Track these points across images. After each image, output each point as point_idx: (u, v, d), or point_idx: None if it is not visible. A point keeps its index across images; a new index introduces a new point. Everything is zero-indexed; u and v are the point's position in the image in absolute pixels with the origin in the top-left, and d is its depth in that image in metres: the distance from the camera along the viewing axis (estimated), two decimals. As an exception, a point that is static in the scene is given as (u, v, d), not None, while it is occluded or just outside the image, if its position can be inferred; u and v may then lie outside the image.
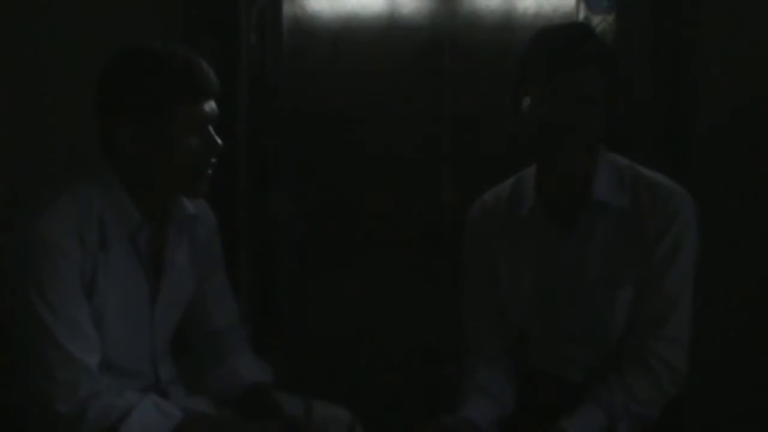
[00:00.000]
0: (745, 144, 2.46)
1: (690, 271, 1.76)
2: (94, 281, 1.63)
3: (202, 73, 1.66)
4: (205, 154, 1.67)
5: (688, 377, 1.76)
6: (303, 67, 2.76)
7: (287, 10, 2.73)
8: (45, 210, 1.61)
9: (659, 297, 1.74)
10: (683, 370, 1.75)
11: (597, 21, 2.53)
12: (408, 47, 2.73)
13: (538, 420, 1.75)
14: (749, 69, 2.44)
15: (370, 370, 2.73)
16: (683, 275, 1.75)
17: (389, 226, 2.77)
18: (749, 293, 2.46)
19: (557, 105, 1.68)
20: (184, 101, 1.63)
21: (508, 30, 2.66)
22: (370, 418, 1.90)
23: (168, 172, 1.66)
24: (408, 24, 2.72)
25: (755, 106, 2.45)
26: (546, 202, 1.81)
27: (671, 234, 1.74)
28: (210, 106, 1.68)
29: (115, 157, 1.67)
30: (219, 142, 1.69)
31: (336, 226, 2.80)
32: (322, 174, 2.79)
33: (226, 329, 1.92)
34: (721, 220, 2.31)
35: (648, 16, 2.47)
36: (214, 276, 1.90)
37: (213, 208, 1.90)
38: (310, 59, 2.76)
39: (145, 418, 1.58)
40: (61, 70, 2.58)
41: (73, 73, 2.31)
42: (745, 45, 2.43)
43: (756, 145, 2.46)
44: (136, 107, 1.62)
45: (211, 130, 1.68)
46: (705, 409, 2.17)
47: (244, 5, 2.63)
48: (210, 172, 1.69)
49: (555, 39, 1.73)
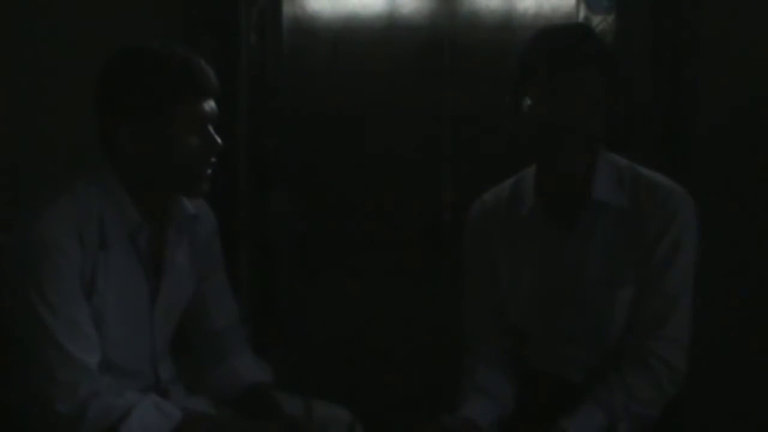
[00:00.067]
0: (745, 144, 2.46)
1: (690, 271, 1.76)
2: (94, 281, 1.64)
3: (202, 73, 1.66)
4: (205, 154, 1.67)
5: (688, 377, 1.76)
6: (303, 67, 2.76)
7: (287, 10, 2.73)
8: (45, 210, 1.61)
9: (659, 297, 1.74)
10: (683, 370, 1.75)
11: (597, 21, 2.53)
12: (408, 47, 2.72)
13: (538, 420, 1.75)
14: (749, 69, 2.44)
15: (370, 370, 2.73)
16: (683, 275, 1.75)
17: (389, 226, 2.77)
18: (749, 293, 2.46)
19: (557, 105, 1.68)
20: (183, 101, 1.63)
21: (508, 30, 2.66)
22: (370, 418, 1.90)
23: (168, 172, 1.66)
24: (408, 24, 2.72)
25: (755, 106, 2.45)
26: (546, 202, 1.81)
27: (671, 234, 1.73)
28: (210, 106, 1.68)
29: (115, 157, 1.67)
30: (219, 141, 1.69)
31: (336, 226, 2.80)
32: (322, 174, 2.79)
33: (226, 329, 1.92)
34: (721, 220, 2.31)
35: (648, 16, 2.47)
36: (214, 276, 1.90)
37: (213, 208, 1.90)
38: (310, 59, 2.76)
39: (145, 418, 1.58)
40: (61, 70, 2.58)
41: (73, 73, 2.31)
42: (745, 45, 2.44)
43: (756, 145, 2.46)
44: (136, 107, 1.62)
45: (210, 129, 1.68)
46: (705, 409, 2.17)
47: (244, 5, 2.63)
48: (210, 171, 1.70)
49: (555, 39, 1.73)
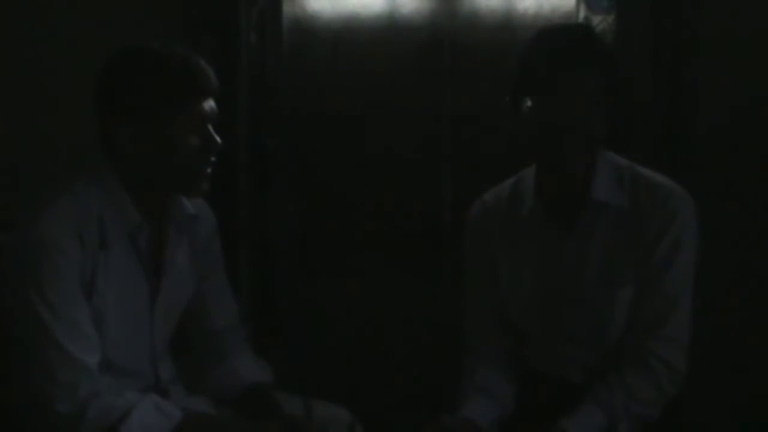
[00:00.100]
0: (745, 144, 2.46)
1: (690, 271, 1.76)
2: (94, 281, 1.64)
3: (202, 73, 1.66)
4: (204, 154, 1.67)
5: (688, 377, 1.76)
6: (303, 67, 2.75)
7: (287, 10, 2.73)
8: (45, 210, 1.61)
9: (659, 297, 1.74)
10: (683, 370, 1.75)
11: (597, 21, 2.53)
12: (408, 47, 2.72)
13: (538, 420, 1.74)
14: (749, 69, 2.44)
15: (370, 370, 2.73)
16: (683, 275, 1.75)
17: (389, 226, 2.77)
18: (749, 293, 2.45)
19: (557, 105, 1.68)
20: (183, 101, 1.63)
21: (508, 30, 2.66)
22: (370, 418, 1.90)
23: (168, 172, 1.66)
24: (408, 24, 2.72)
25: (755, 106, 2.44)
26: (546, 202, 1.81)
27: (671, 234, 1.73)
28: (209, 106, 1.68)
29: (115, 157, 1.67)
30: (219, 141, 1.69)
31: (336, 226, 2.80)
32: (322, 174, 2.79)
33: (226, 329, 1.92)
34: (721, 220, 2.31)
35: (648, 16, 2.47)
36: (213, 276, 1.90)
37: (213, 208, 1.90)
38: (310, 59, 2.76)
39: (145, 418, 1.58)
40: (61, 70, 2.58)
41: (73, 73, 2.31)
42: (745, 45, 2.43)
43: (756, 145, 2.46)
44: (136, 107, 1.62)
45: (210, 129, 1.68)
46: (705, 409, 2.17)
47: (244, 5, 2.63)
48: (210, 171, 1.70)
49: (555, 40, 1.73)
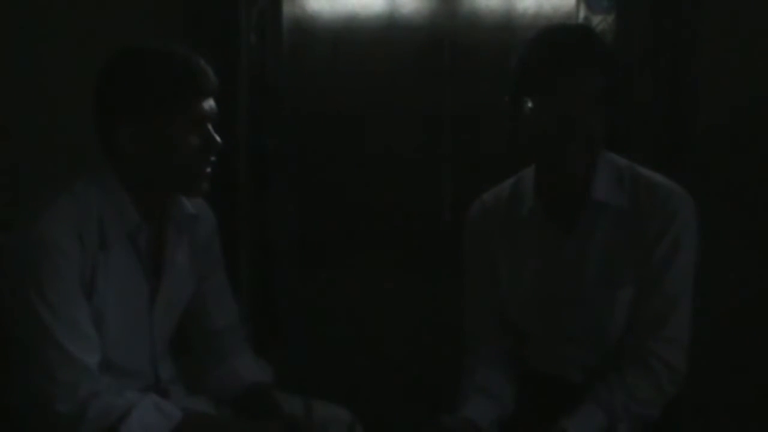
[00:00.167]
0: (745, 144, 2.46)
1: (689, 271, 1.76)
2: (94, 281, 1.64)
3: (201, 72, 1.66)
4: (204, 153, 1.67)
5: (688, 377, 1.76)
6: (303, 67, 2.75)
7: (287, 10, 2.73)
8: (45, 210, 1.61)
9: (659, 297, 1.74)
10: (683, 370, 1.75)
11: (597, 21, 2.53)
12: (408, 47, 2.72)
13: (538, 420, 1.75)
14: (749, 69, 2.44)
15: (370, 370, 2.73)
16: (683, 275, 1.75)
17: (389, 225, 2.77)
18: (749, 293, 2.45)
19: (558, 106, 1.68)
20: (183, 100, 1.63)
21: (508, 30, 2.66)
22: (370, 418, 1.90)
23: (168, 172, 1.66)
24: (408, 24, 2.72)
25: (755, 106, 2.44)
26: (546, 202, 1.81)
27: (670, 234, 1.73)
28: (209, 105, 1.68)
29: (115, 157, 1.67)
30: (218, 140, 1.69)
31: (336, 225, 2.80)
32: (322, 174, 2.79)
33: (226, 329, 1.92)
34: (721, 220, 2.31)
35: (648, 16, 2.46)
36: (213, 276, 1.90)
37: (213, 208, 1.90)
38: (310, 59, 2.75)
39: (145, 418, 1.59)
40: (61, 70, 2.58)
41: (73, 73, 2.31)
42: (745, 45, 2.43)
43: (756, 145, 2.46)
44: (136, 107, 1.62)
45: (210, 129, 1.68)
46: (705, 409, 2.17)
47: (244, 5, 2.63)
48: (209, 171, 1.70)
49: (555, 40, 1.73)
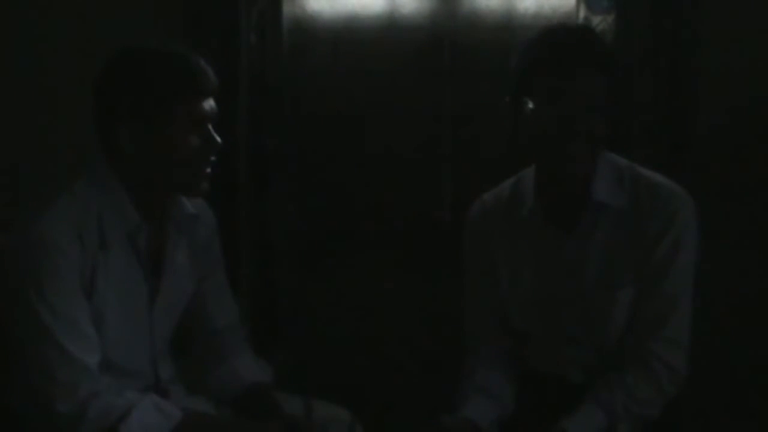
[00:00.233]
0: (745, 144, 2.46)
1: (690, 271, 1.76)
2: (94, 281, 1.64)
3: (201, 72, 1.66)
4: (204, 153, 1.67)
5: (688, 377, 1.76)
6: (303, 67, 2.75)
7: (287, 10, 2.73)
8: (45, 210, 1.61)
9: (659, 297, 1.74)
10: (683, 371, 1.75)
11: (597, 21, 2.53)
12: (408, 47, 2.72)
13: (538, 420, 1.74)
14: (749, 69, 2.44)
15: (370, 370, 2.73)
16: (683, 276, 1.75)
17: (389, 225, 2.77)
18: (749, 293, 2.45)
19: (559, 107, 1.68)
20: (183, 100, 1.63)
21: (508, 30, 2.66)
22: (370, 418, 1.90)
23: (168, 171, 1.66)
24: (408, 24, 2.72)
25: (755, 106, 2.44)
26: (546, 202, 1.81)
27: (671, 234, 1.73)
28: (209, 105, 1.68)
29: (115, 157, 1.67)
30: (218, 140, 1.69)
31: (336, 225, 2.80)
32: (322, 174, 2.79)
33: (226, 329, 1.92)
34: (721, 220, 2.31)
35: (648, 16, 2.46)
36: (213, 276, 1.90)
37: (213, 208, 1.90)
38: (310, 59, 2.75)
39: (145, 418, 1.59)
40: (61, 70, 2.58)
41: (73, 73, 2.31)
42: (745, 45, 2.43)
43: (756, 145, 2.46)
44: (136, 107, 1.63)
45: (210, 128, 1.68)
46: (705, 409, 2.17)
47: (244, 5, 2.63)
48: (209, 170, 1.70)
49: (556, 41, 1.72)
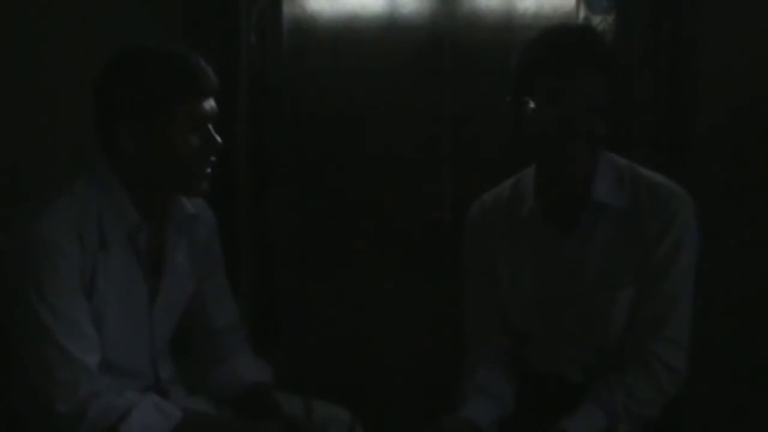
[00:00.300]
0: (745, 144, 2.46)
1: (690, 271, 1.76)
2: (94, 281, 1.64)
3: (202, 72, 1.66)
4: (204, 153, 1.67)
5: (688, 377, 1.76)
6: (303, 67, 2.75)
7: (287, 10, 2.73)
8: (45, 210, 1.61)
9: (659, 298, 1.74)
10: (683, 371, 1.75)
11: (597, 21, 2.53)
12: (408, 47, 2.72)
13: (538, 420, 1.74)
14: (749, 69, 2.44)
15: (370, 370, 2.73)
16: (683, 276, 1.75)
17: (389, 225, 2.77)
18: (749, 293, 2.45)
19: (559, 107, 1.68)
20: (183, 100, 1.63)
21: (508, 30, 2.66)
22: (370, 418, 1.90)
23: (168, 171, 1.66)
24: (408, 24, 2.72)
25: (755, 106, 2.44)
26: (546, 202, 1.81)
27: (671, 234, 1.73)
28: (209, 105, 1.68)
29: (115, 157, 1.67)
30: (219, 140, 1.69)
31: (336, 226, 2.80)
32: (322, 174, 2.79)
33: (226, 329, 1.92)
34: (721, 220, 2.31)
35: (648, 16, 2.46)
36: (213, 276, 1.90)
37: (213, 208, 1.90)
38: (310, 59, 2.75)
39: (145, 418, 1.59)
40: (61, 70, 2.58)
41: (73, 73, 2.31)
42: (745, 45, 2.43)
43: (756, 145, 2.46)
44: (136, 107, 1.62)
45: (210, 128, 1.68)
46: (705, 409, 2.16)
47: (244, 5, 2.63)
48: (209, 170, 1.70)
49: (556, 41, 1.72)
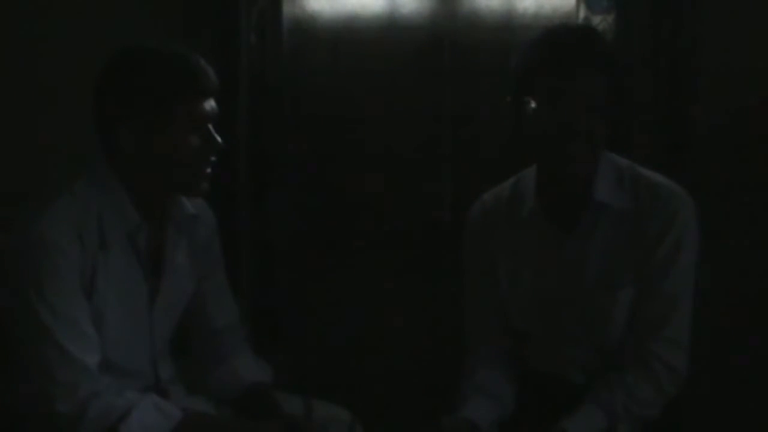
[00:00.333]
0: (745, 144, 2.46)
1: (690, 271, 1.76)
2: (94, 281, 1.64)
3: (202, 72, 1.66)
4: (205, 153, 1.67)
5: (688, 377, 1.76)
6: (303, 67, 2.75)
7: (287, 10, 2.73)
8: (44, 210, 1.61)
9: (659, 298, 1.74)
10: (683, 371, 1.75)
11: (597, 21, 2.53)
12: (408, 47, 2.72)
13: (538, 420, 1.75)
14: (749, 69, 2.44)
15: (371, 370, 2.73)
16: (683, 276, 1.75)
17: (389, 226, 2.77)
18: (749, 293, 2.45)
19: (559, 107, 1.68)
20: (183, 100, 1.63)
21: (508, 30, 2.66)
22: (370, 418, 1.90)
23: (168, 171, 1.66)
24: (408, 24, 2.72)
25: (755, 106, 2.44)
26: (546, 202, 1.81)
27: (671, 235, 1.73)
28: (210, 105, 1.68)
29: (115, 157, 1.67)
30: (219, 140, 1.69)
31: (336, 225, 2.80)
32: (322, 174, 2.79)
33: (226, 329, 1.91)
34: (721, 220, 2.31)
35: (648, 16, 2.47)
36: (213, 276, 1.90)
37: (213, 208, 1.90)
38: (310, 59, 2.75)
39: (145, 418, 1.58)
40: (61, 70, 2.58)
41: (73, 73, 2.31)
42: (745, 45, 2.43)
43: (756, 145, 2.46)
44: (136, 107, 1.62)
45: (210, 128, 1.68)
46: (705, 409, 2.16)
47: (244, 5, 2.63)
48: (210, 171, 1.70)
49: (557, 41, 1.72)
